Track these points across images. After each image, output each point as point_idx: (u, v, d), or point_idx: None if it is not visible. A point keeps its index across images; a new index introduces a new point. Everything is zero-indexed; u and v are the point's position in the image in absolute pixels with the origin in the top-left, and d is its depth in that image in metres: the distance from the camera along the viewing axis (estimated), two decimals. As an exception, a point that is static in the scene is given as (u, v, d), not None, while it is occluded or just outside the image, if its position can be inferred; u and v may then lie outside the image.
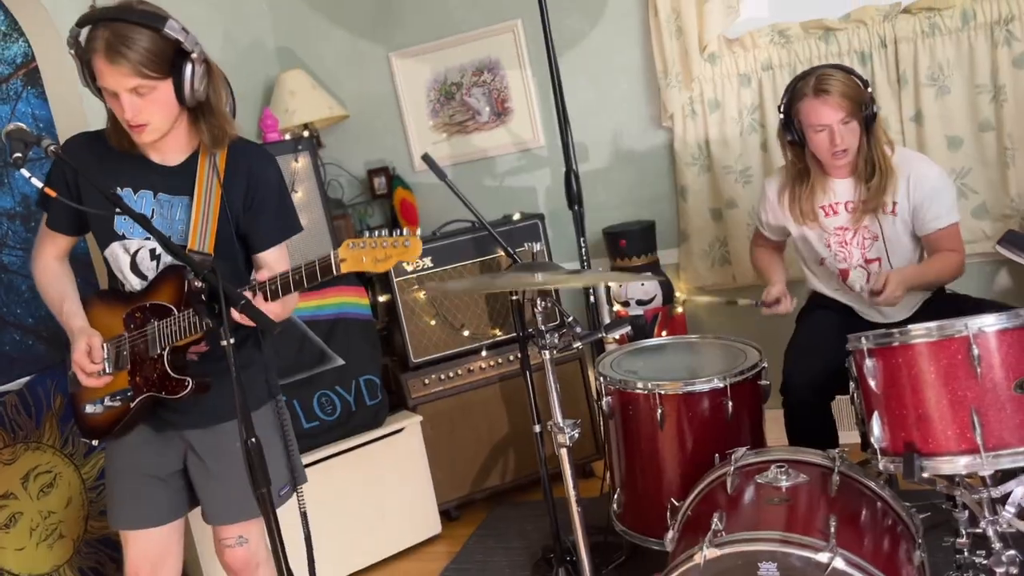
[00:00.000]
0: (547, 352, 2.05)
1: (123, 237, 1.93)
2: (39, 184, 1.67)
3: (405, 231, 1.69)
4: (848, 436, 2.69)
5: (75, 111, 2.96)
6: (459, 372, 3.35)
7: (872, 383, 1.70)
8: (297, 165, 3.07)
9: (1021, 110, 2.89)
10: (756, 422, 2.28)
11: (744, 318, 3.24)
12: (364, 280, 3.23)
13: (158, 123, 1.82)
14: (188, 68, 1.79)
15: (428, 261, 3.30)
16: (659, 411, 2.20)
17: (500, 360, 3.38)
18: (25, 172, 1.63)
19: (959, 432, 1.58)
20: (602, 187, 3.56)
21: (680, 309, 3.38)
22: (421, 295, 3.30)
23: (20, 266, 2.87)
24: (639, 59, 3.41)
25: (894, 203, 2.39)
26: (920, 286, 2.43)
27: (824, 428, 2.41)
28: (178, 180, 1.91)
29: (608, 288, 3.38)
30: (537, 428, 2.55)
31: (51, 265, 2.04)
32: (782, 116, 2.47)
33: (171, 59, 1.77)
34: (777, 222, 2.63)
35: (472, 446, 3.37)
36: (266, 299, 1.75)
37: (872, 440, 1.71)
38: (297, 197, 3.06)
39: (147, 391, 1.90)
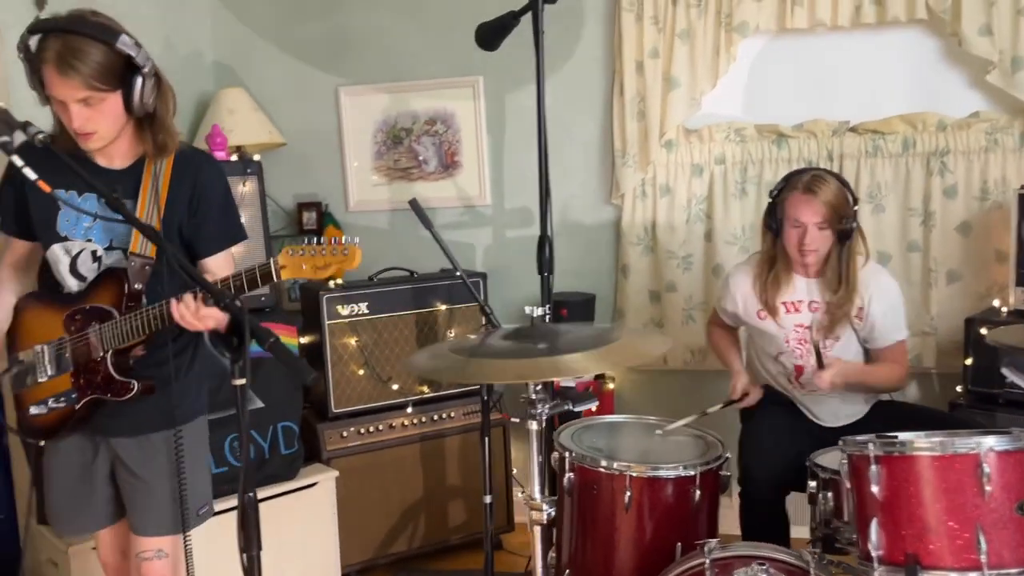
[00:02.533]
0: (535, 423, 1.95)
1: (65, 238, 1.93)
2: (33, 176, 1.48)
3: (346, 239, 1.72)
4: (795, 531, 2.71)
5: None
6: (379, 427, 3.18)
7: (875, 490, 1.71)
8: (244, 189, 2.87)
9: (947, 237, 3.11)
10: (713, 512, 2.26)
11: (670, 395, 3.31)
12: (298, 319, 3.03)
13: (105, 132, 1.83)
14: (138, 81, 1.80)
15: (364, 307, 3.15)
16: (627, 493, 2.14)
17: (424, 418, 3.24)
18: (18, 160, 1.44)
19: (963, 548, 1.61)
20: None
21: (611, 385, 3.37)
22: (352, 341, 3.13)
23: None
24: (596, 134, 3.45)
25: (859, 309, 2.49)
26: (858, 386, 2.52)
27: (779, 523, 2.43)
28: (122, 183, 1.89)
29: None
30: (488, 499, 2.42)
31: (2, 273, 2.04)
32: (770, 201, 2.54)
33: (121, 72, 1.78)
34: (735, 310, 2.67)
35: (382, 507, 3.19)
36: (207, 304, 1.70)
37: (869, 547, 1.72)
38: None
39: (91, 393, 1.90)
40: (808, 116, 3.23)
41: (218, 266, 2.00)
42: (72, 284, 1.92)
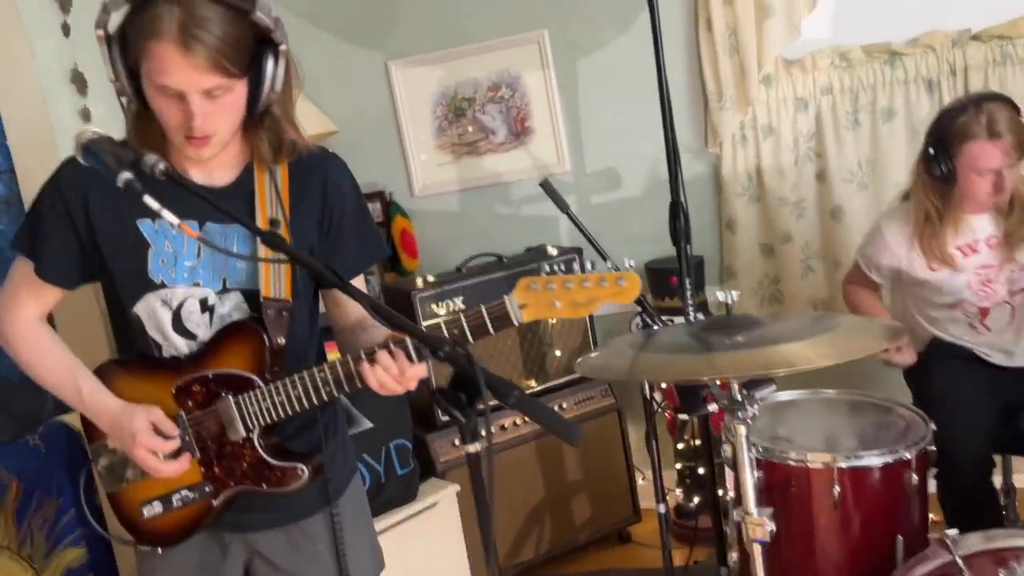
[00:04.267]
0: (743, 426, 1.66)
1: (162, 285, 1.46)
2: (174, 220, 1.15)
3: (620, 265, 1.36)
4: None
5: (32, 113, 2.33)
6: (491, 430, 2.89)
7: None
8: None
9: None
10: (925, 496, 1.98)
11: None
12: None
13: (225, 133, 1.39)
14: (270, 65, 1.35)
15: (459, 302, 2.85)
16: (835, 488, 1.86)
17: (536, 414, 2.95)
18: (153, 202, 1.12)
19: None
20: (637, 217, 3.22)
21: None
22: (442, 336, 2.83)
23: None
24: (682, 77, 3.11)
25: None
26: None
27: (989, 498, 2.15)
28: (230, 204, 1.40)
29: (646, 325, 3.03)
30: (662, 508, 2.14)
31: (37, 329, 1.53)
32: (931, 151, 2.22)
33: (251, 51, 1.34)
34: (896, 265, 2.36)
35: (504, 514, 2.93)
36: (411, 360, 1.34)
37: None
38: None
39: (235, 485, 1.48)
40: (922, 29, 2.88)
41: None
42: (180, 344, 1.48)
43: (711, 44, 2.98)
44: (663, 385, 2.99)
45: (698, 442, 3.02)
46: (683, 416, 2.40)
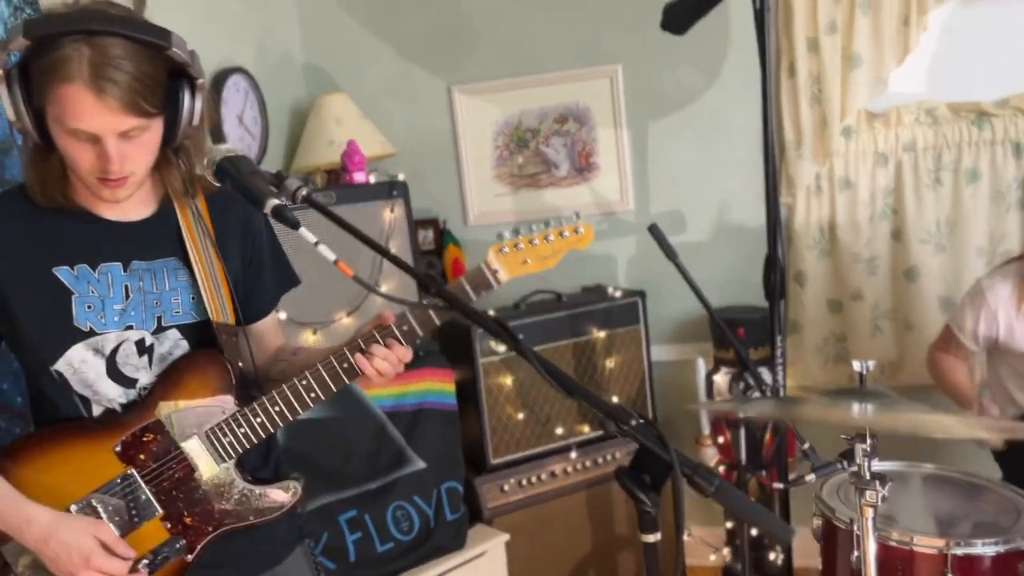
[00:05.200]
0: (871, 508, 1.52)
1: (91, 332, 1.32)
2: (331, 256, 1.04)
3: (573, 215, 1.44)
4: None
5: None
6: (541, 476, 2.76)
7: None
8: (392, 216, 2.43)
9: None
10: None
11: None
12: (452, 361, 2.60)
13: (142, 172, 1.29)
14: (187, 100, 1.28)
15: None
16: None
17: (588, 462, 2.83)
18: (310, 235, 1.00)
19: None
20: (701, 263, 3.09)
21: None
22: (508, 380, 2.71)
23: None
24: (756, 124, 2.99)
25: None
26: None
27: None
28: (152, 239, 1.37)
29: (711, 381, 2.91)
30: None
31: None
32: None
33: (166, 87, 1.25)
34: (996, 334, 2.24)
35: (550, 567, 2.79)
36: (401, 344, 1.36)
37: None
38: (389, 255, 2.42)
39: (215, 529, 1.36)
40: (1013, 90, 2.79)
41: (274, 326, 1.55)
42: (114, 394, 1.34)
43: (793, 91, 2.89)
44: (720, 440, 2.87)
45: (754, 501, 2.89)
46: (778, 485, 2.25)
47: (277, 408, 1.33)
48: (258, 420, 1.34)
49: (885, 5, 2.74)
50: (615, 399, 2.87)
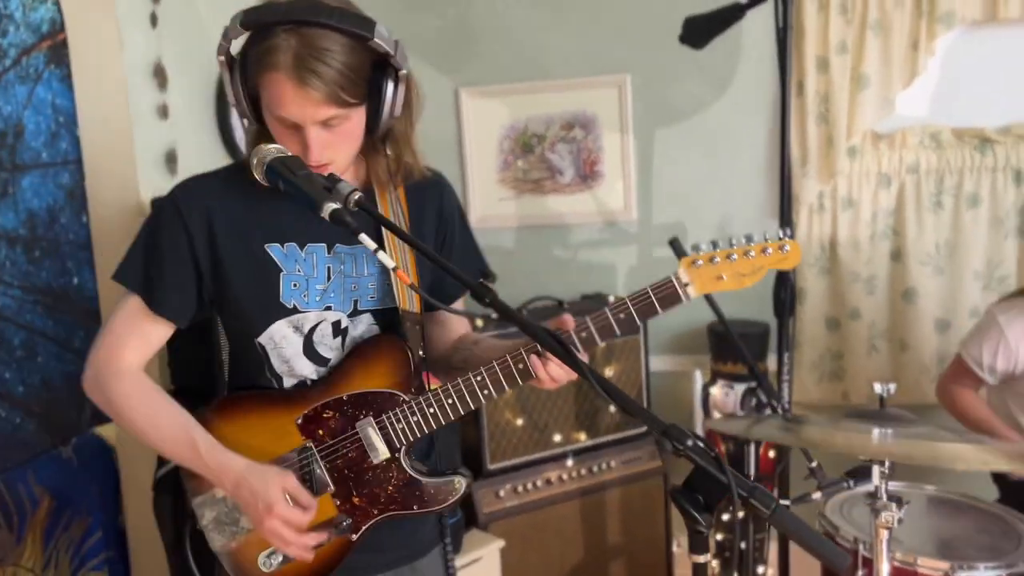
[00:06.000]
0: (885, 530, 1.53)
1: (294, 310, 1.38)
2: (391, 263, 1.03)
3: (777, 231, 1.33)
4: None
5: (111, 105, 2.18)
6: (537, 483, 2.76)
7: None
8: (402, 216, 2.42)
9: None
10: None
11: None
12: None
13: (343, 161, 1.34)
14: (390, 90, 1.31)
15: (520, 346, 2.71)
16: (953, 599, 1.75)
17: (584, 470, 2.83)
18: (370, 242, 1.00)
19: None
20: (702, 276, 3.11)
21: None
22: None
23: (16, 310, 2.03)
24: (763, 140, 3.03)
25: None
26: None
27: None
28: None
29: (707, 394, 2.92)
30: None
31: (143, 383, 1.40)
32: None
33: (369, 77, 1.29)
34: (1011, 368, 2.26)
35: (543, 574, 2.78)
36: (578, 350, 1.34)
37: None
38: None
39: (381, 512, 1.38)
40: (1015, 117, 2.83)
41: (459, 316, 1.58)
42: (307, 371, 1.40)
43: (800, 110, 2.91)
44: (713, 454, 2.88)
45: (743, 514, 2.90)
46: (784, 502, 2.24)
47: (451, 401, 1.34)
48: (431, 411, 1.35)
49: (896, 28, 2.77)
50: (612, 409, 2.87)
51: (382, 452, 1.36)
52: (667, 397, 3.11)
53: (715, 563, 2.99)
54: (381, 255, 1.10)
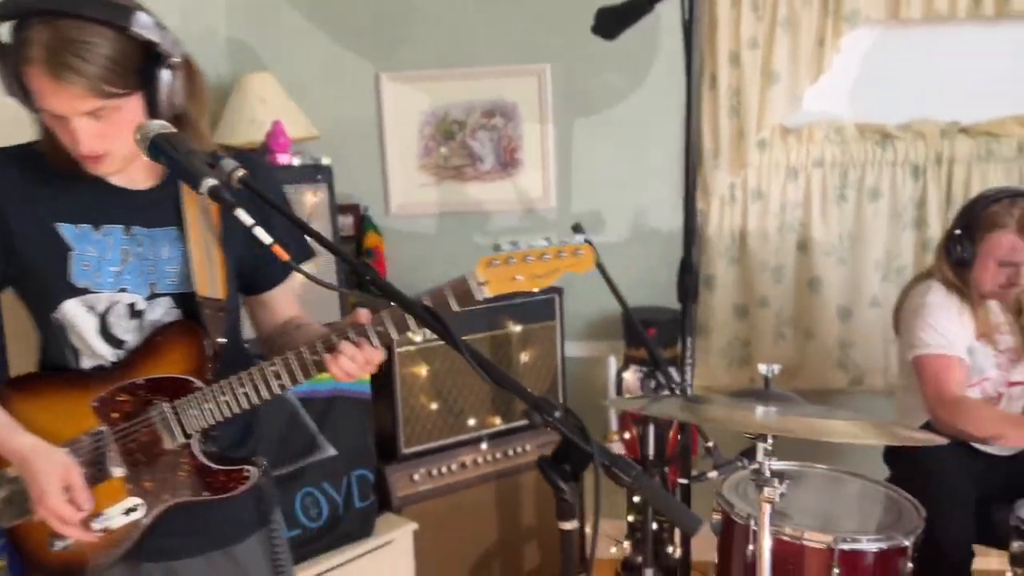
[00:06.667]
0: (768, 504, 1.60)
1: (85, 291, 1.36)
2: (267, 238, 1.04)
3: (575, 237, 1.35)
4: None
5: None
6: (452, 467, 2.79)
7: None
8: (315, 200, 2.41)
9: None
10: (911, 582, 1.98)
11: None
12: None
13: (121, 150, 1.29)
14: (165, 76, 1.28)
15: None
16: (834, 571, 1.83)
17: (499, 454, 2.87)
18: (246, 217, 1.00)
19: None
20: (618, 264, 3.15)
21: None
22: (423, 371, 2.72)
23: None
24: (678, 132, 3.10)
25: None
26: None
27: None
28: (155, 207, 1.39)
29: (621, 378, 2.99)
30: (649, 573, 2.06)
31: None
32: (958, 232, 2.25)
33: (140, 65, 1.25)
34: (962, 336, 2.30)
35: (455, 556, 2.81)
36: (372, 345, 1.33)
37: None
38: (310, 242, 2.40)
39: (172, 497, 1.39)
40: (915, 115, 2.96)
41: (286, 297, 1.55)
42: (105, 352, 1.38)
43: (713, 103, 2.99)
44: (627, 435, 2.95)
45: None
46: (682, 480, 2.32)
47: (243, 390, 1.33)
48: (224, 398, 1.34)
49: (804, 25, 2.86)
50: (528, 393, 2.91)
51: (172, 438, 1.36)
52: (582, 382, 3.17)
53: (627, 544, 3.07)
54: (258, 231, 1.10)
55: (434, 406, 2.75)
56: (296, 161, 2.51)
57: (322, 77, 3.20)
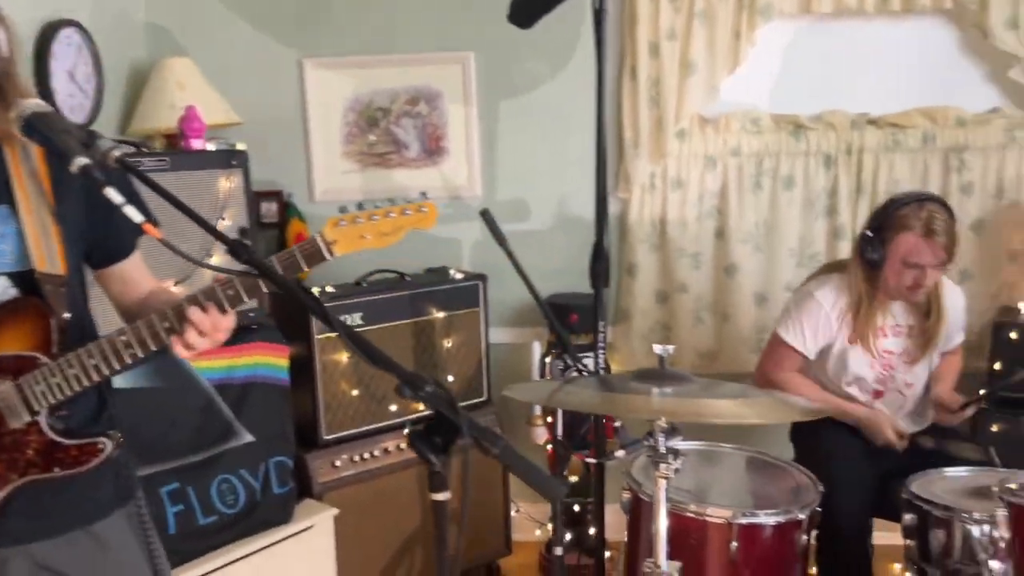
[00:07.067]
0: (664, 480, 1.66)
1: None
2: (138, 216, 1.03)
3: (420, 194, 1.43)
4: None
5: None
6: (374, 453, 2.80)
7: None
8: (228, 186, 2.39)
9: (961, 235, 3.00)
10: (807, 555, 2.06)
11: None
12: (289, 336, 2.59)
13: None
14: None
15: (358, 317, 2.74)
16: (733, 544, 1.90)
17: (421, 440, 2.88)
18: (116, 196, 1.00)
19: None
20: (542, 251, 3.22)
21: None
22: (344, 357, 2.73)
23: None
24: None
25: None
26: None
27: (864, 560, 2.25)
28: None
29: (544, 364, 3.04)
30: (559, 550, 2.10)
31: None
32: (869, 234, 2.33)
33: None
34: (823, 338, 2.44)
35: (379, 541, 2.83)
36: (223, 310, 1.31)
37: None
38: (224, 227, 2.38)
39: (21, 476, 1.34)
40: (827, 107, 3.06)
41: (138, 269, 1.51)
42: None
43: (633, 93, 3.04)
44: (549, 420, 3.00)
45: (575, 479, 3.04)
46: (593, 460, 2.38)
47: (93, 361, 1.30)
48: (72, 372, 1.30)
49: (720, 18, 2.93)
50: (451, 379, 2.94)
51: (20, 416, 1.33)
52: (507, 368, 3.20)
53: (551, 526, 3.12)
54: (128, 209, 1.10)
55: (355, 392, 2.76)
56: (212, 147, 2.49)
57: (244, 63, 3.18)
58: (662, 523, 1.66)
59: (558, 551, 2.02)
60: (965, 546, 1.93)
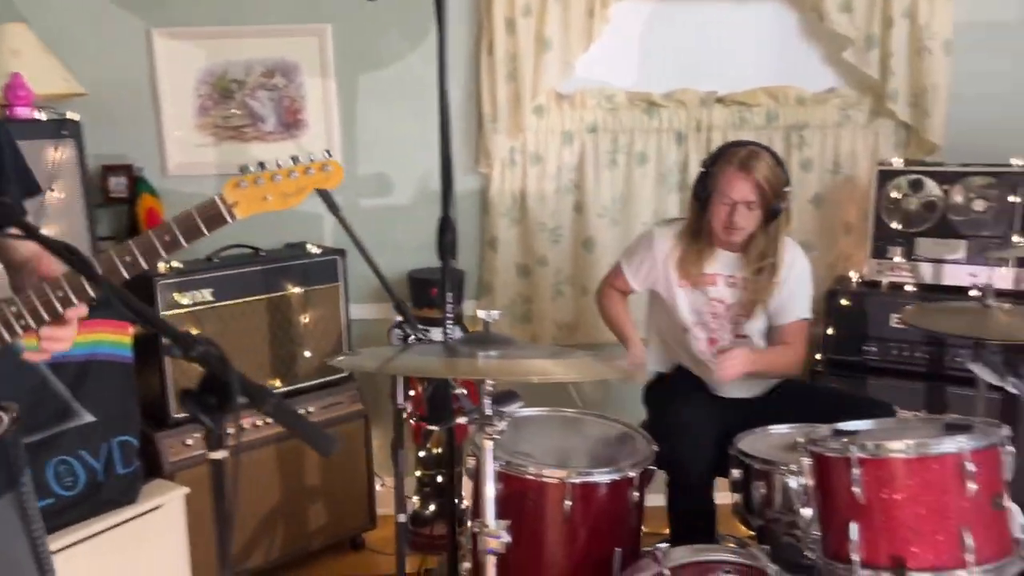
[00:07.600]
0: (489, 441, 1.70)
1: None
2: None
3: (322, 153, 1.39)
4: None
5: None
6: (229, 430, 2.75)
7: (858, 492, 1.67)
8: (57, 156, 2.29)
9: (802, 209, 3.18)
10: (641, 512, 2.15)
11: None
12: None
13: None
14: None
15: (207, 293, 2.69)
16: (566, 503, 1.97)
17: (280, 417, 2.85)
18: None
19: (948, 547, 1.61)
20: (403, 226, 3.23)
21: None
22: (194, 334, 2.66)
23: None
24: (461, 97, 3.16)
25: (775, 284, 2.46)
26: (760, 373, 2.50)
27: (708, 513, 2.35)
28: None
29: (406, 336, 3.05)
30: (402, 517, 2.12)
31: None
32: (703, 170, 2.43)
33: None
34: (651, 276, 2.55)
35: (236, 522, 2.79)
36: (71, 303, 1.28)
37: (850, 549, 1.68)
38: (55, 199, 2.28)
39: None
40: (679, 85, 3.16)
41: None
42: None
43: (491, 69, 3.07)
44: (411, 393, 3.01)
45: (439, 451, 3.08)
46: (432, 427, 2.42)
47: None
48: None
49: (574, -5, 2.99)
50: (308, 354, 2.92)
51: None
52: (368, 342, 3.19)
53: (416, 499, 3.15)
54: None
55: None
56: (44, 116, 2.38)
57: (88, 31, 3.04)
58: (489, 483, 1.71)
59: (401, 518, 2.03)
60: (784, 497, 2.06)
